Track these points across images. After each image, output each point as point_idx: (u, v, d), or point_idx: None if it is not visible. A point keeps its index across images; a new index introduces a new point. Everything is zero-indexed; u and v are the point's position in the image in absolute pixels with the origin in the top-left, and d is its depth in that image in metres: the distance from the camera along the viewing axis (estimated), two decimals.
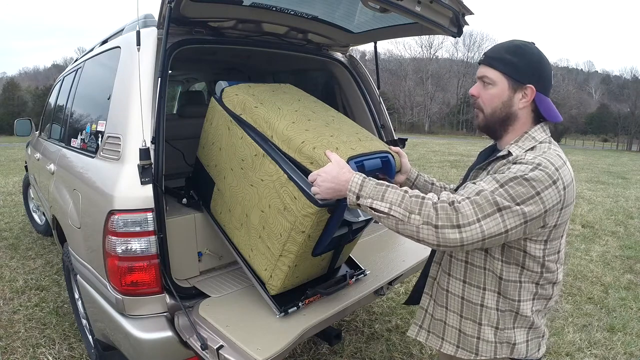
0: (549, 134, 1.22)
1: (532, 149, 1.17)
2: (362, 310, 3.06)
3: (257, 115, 1.63)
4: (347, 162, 1.37)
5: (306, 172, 1.44)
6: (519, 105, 1.19)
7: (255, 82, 1.94)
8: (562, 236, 1.19)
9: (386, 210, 1.10)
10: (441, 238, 1.05)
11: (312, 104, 1.91)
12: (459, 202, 1.06)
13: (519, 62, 1.17)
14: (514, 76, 1.18)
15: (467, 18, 1.90)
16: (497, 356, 1.23)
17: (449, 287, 1.31)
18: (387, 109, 2.89)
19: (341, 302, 1.82)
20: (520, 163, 1.10)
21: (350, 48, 2.84)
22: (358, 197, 1.17)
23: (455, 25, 1.89)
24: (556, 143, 1.22)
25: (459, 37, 1.98)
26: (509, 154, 1.19)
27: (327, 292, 1.82)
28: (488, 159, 1.29)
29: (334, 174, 1.24)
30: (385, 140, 2.82)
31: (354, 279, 1.99)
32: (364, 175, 1.20)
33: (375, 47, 2.72)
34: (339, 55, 2.79)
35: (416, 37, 44.77)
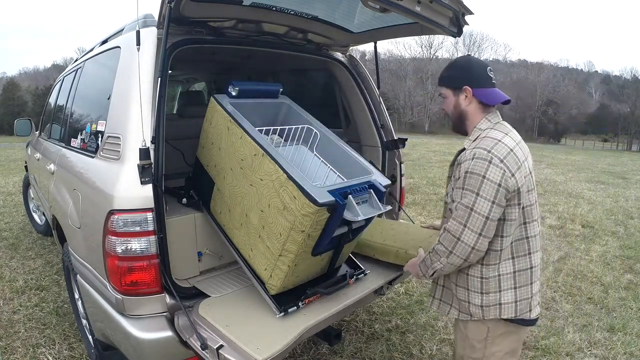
0: (496, 121, 1.51)
1: (476, 139, 1.47)
2: (362, 310, 3.06)
3: None
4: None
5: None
6: (464, 104, 1.53)
7: (255, 83, 1.94)
8: (536, 201, 1.50)
9: (434, 272, 1.53)
10: (460, 254, 1.41)
11: None
12: (448, 224, 1.43)
13: (452, 73, 1.56)
14: (452, 85, 1.54)
15: (467, 18, 1.90)
16: (486, 317, 1.49)
17: None
18: (387, 109, 2.89)
19: (341, 302, 1.82)
20: (463, 162, 1.42)
21: (350, 48, 2.84)
22: (425, 277, 1.59)
23: (455, 25, 1.89)
24: (502, 124, 1.52)
25: (459, 37, 1.98)
26: (464, 148, 1.50)
27: (327, 291, 1.82)
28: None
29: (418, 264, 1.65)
30: (385, 140, 2.82)
31: (354, 279, 1.99)
32: (419, 265, 1.61)
33: (375, 47, 2.72)
34: (339, 55, 2.79)
35: (416, 37, 44.77)
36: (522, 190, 1.41)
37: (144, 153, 1.59)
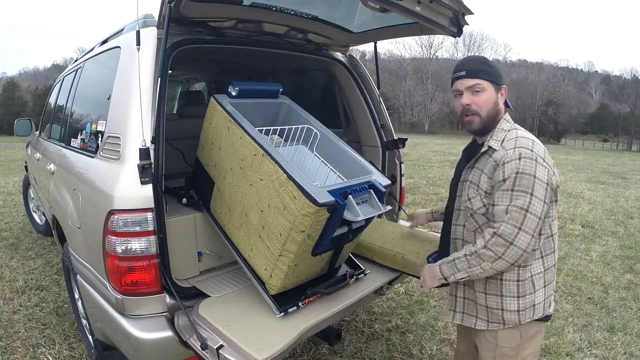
0: (512, 122, 1.51)
1: (504, 139, 1.44)
2: (362, 310, 3.06)
3: None
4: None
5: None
6: (500, 102, 1.51)
7: (255, 83, 1.94)
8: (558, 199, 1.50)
9: (467, 276, 1.43)
10: (510, 258, 1.35)
11: None
12: (498, 229, 1.35)
13: (493, 70, 1.49)
14: (497, 81, 1.49)
15: (467, 18, 1.90)
16: (522, 322, 1.45)
17: None
18: (387, 109, 2.89)
19: (341, 302, 1.82)
20: (508, 162, 1.36)
21: (350, 48, 2.84)
22: (446, 279, 1.50)
23: (455, 25, 1.89)
24: (517, 125, 1.51)
25: (459, 37, 1.98)
26: (490, 148, 1.46)
27: (327, 291, 1.82)
28: (474, 156, 1.53)
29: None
30: (385, 140, 2.82)
31: (354, 279, 1.99)
32: (438, 266, 1.53)
33: (375, 47, 2.72)
34: (339, 55, 2.79)
35: (416, 37, 44.66)
36: (559, 187, 1.42)
37: (144, 153, 1.59)
